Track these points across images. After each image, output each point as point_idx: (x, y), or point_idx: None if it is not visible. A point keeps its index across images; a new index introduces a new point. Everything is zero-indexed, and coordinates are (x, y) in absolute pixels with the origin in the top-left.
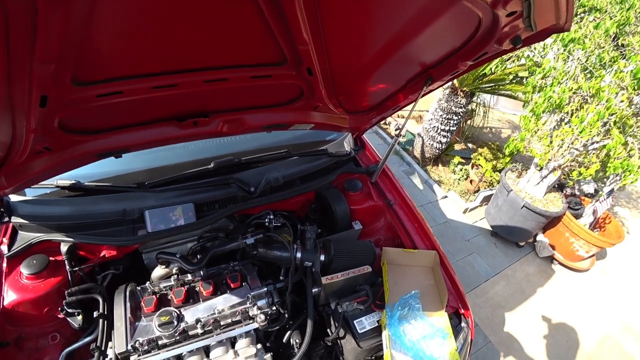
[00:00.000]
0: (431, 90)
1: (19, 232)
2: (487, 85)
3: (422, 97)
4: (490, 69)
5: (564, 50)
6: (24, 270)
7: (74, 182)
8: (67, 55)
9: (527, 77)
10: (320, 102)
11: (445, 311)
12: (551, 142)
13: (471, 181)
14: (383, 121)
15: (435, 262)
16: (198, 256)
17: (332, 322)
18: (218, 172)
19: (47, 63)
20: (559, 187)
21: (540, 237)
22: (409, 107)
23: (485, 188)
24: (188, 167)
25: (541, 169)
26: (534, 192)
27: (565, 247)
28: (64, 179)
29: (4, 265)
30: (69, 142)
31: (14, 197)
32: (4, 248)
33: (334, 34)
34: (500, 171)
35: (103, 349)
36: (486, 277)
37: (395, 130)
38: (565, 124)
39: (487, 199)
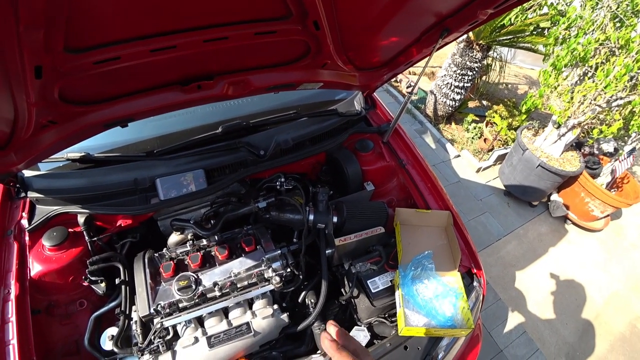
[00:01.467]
0: (447, 43)
1: (37, 206)
2: (505, 38)
3: (437, 50)
4: (510, 19)
5: None
6: (46, 242)
7: (84, 154)
8: (56, 17)
9: (549, 28)
10: (329, 59)
11: (458, 271)
12: (572, 98)
13: (485, 140)
14: (394, 78)
15: (449, 222)
16: (212, 221)
17: (345, 282)
18: (227, 136)
19: (34, 28)
20: (577, 145)
21: (555, 196)
22: (422, 62)
23: (499, 147)
24: (196, 133)
25: (559, 126)
26: (551, 151)
27: (580, 207)
28: (74, 152)
29: (27, 238)
30: (73, 113)
31: (28, 173)
32: (25, 222)
33: None
34: (515, 129)
35: (127, 312)
36: (498, 237)
37: (407, 87)
38: (589, 78)
39: (501, 158)
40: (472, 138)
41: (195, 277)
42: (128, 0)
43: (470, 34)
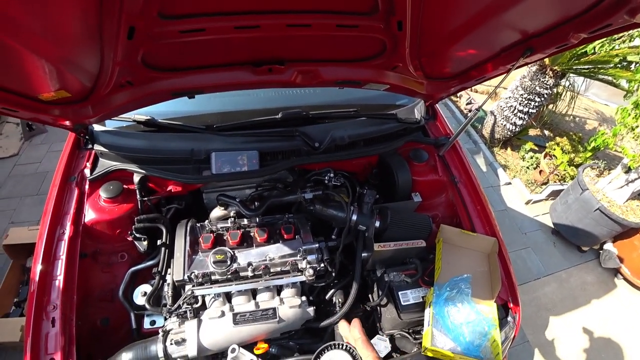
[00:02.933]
0: (528, 63)
1: (100, 159)
2: (584, 67)
3: (515, 69)
4: (593, 47)
5: None
6: (103, 193)
7: (149, 118)
8: None
9: (637, 63)
10: (401, 62)
11: (495, 301)
12: None
13: (541, 171)
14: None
15: (494, 249)
16: (256, 203)
17: (375, 289)
18: (285, 123)
19: None
20: None
21: (609, 246)
22: (493, 81)
23: (555, 181)
24: (256, 115)
25: (629, 171)
26: (614, 196)
27: (637, 263)
28: (140, 114)
29: (86, 187)
30: (149, 78)
31: (97, 127)
32: (87, 172)
33: None
34: (577, 166)
35: (163, 274)
36: (537, 276)
37: (467, 104)
38: None
39: (555, 194)
40: (527, 167)
41: (232, 253)
42: None
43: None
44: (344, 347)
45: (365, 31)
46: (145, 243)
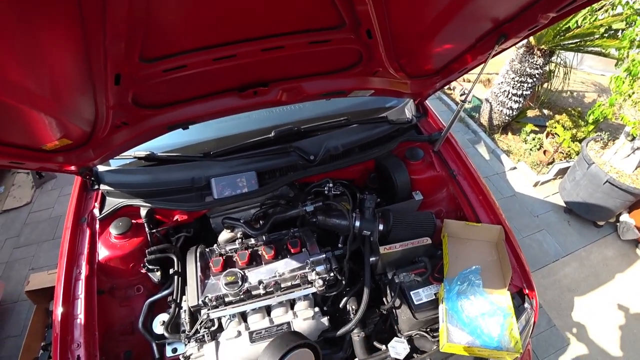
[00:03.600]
0: (504, 50)
1: (107, 198)
2: (570, 42)
3: (493, 57)
4: (576, 21)
5: None
6: (113, 230)
7: (149, 153)
8: (135, 32)
9: (623, 30)
10: (380, 67)
11: (507, 290)
12: None
13: (545, 152)
14: (447, 86)
15: (500, 237)
16: (260, 222)
17: (388, 291)
18: (279, 140)
19: (117, 42)
20: None
21: (625, 217)
22: (478, 69)
23: (561, 160)
24: (250, 137)
25: (633, 139)
26: (622, 166)
27: None
28: (140, 151)
29: (97, 226)
30: (142, 116)
31: (101, 168)
32: (96, 212)
33: None
34: (580, 141)
35: (178, 301)
36: (556, 257)
37: (461, 95)
38: None
39: (562, 172)
40: (530, 150)
41: (242, 273)
42: (194, 15)
43: (531, 38)
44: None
45: (338, 43)
46: (158, 274)
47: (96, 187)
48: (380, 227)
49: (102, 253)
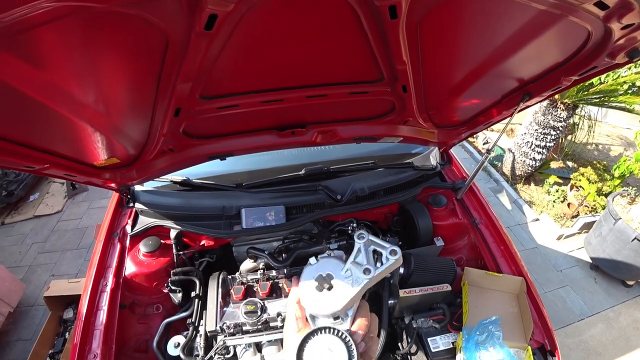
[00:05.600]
0: (529, 106)
1: (140, 216)
2: (594, 97)
3: (518, 112)
4: (599, 78)
5: None
6: (142, 248)
7: (184, 178)
8: (201, 76)
9: None
10: (411, 117)
11: (528, 344)
12: None
13: (569, 204)
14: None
15: (522, 289)
16: (283, 255)
17: (404, 336)
18: (308, 178)
19: (186, 82)
20: None
21: None
22: (501, 123)
23: (586, 213)
24: (281, 172)
25: None
26: None
27: None
28: (176, 175)
29: (127, 242)
30: (188, 145)
31: (137, 187)
32: (128, 228)
33: (431, 55)
34: (606, 195)
35: (196, 325)
36: (581, 316)
37: (484, 144)
38: None
39: (587, 226)
40: (554, 202)
41: (262, 304)
42: (252, 64)
43: None
44: (335, 332)
45: (375, 95)
46: (179, 295)
47: (131, 204)
48: (401, 270)
49: (129, 268)
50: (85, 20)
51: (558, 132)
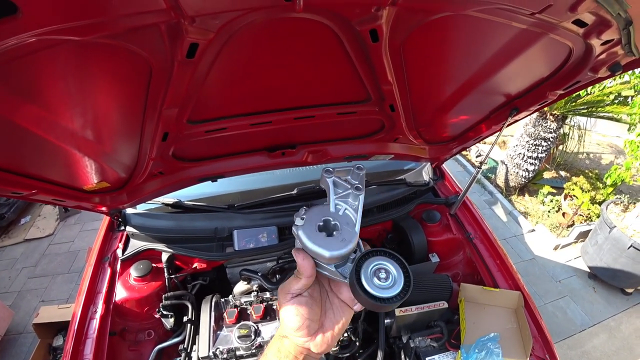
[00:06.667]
0: (517, 121)
1: (131, 240)
2: (582, 108)
3: (506, 127)
4: (586, 89)
5: None
6: (133, 272)
7: (176, 200)
8: (188, 102)
9: (632, 96)
10: (401, 134)
11: None
12: None
13: (564, 214)
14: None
15: (519, 304)
16: (277, 276)
17: (402, 356)
18: (300, 198)
19: (172, 107)
20: None
21: None
22: (493, 136)
23: (581, 222)
24: (273, 192)
25: None
26: None
27: None
28: (168, 197)
29: (118, 266)
30: (178, 168)
31: (128, 210)
32: (119, 252)
33: (417, 74)
34: (600, 203)
35: (189, 351)
36: (582, 327)
37: (477, 157)
38: None
39: (583, 235)
40: (549, 212)
41: (256, 327)
42: (239, 89)
43: None
44: (389, 255)
45: (363, 115)
46: (172, 320)
47: (122, 228)
48: None
49: (120, 294)
50: (68, 50)
51: (549, 142)
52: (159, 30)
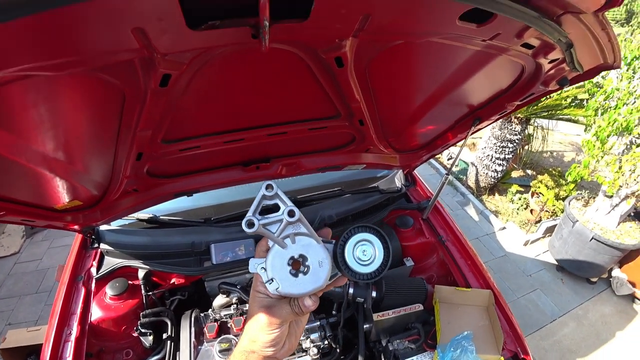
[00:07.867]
0: (480, 129)
1: (106, 257)
2: (542, 111)
3: (471, 135)
4: None
5: (628, 69)
6: (109, 291)
7: (151, 215)
8: (162, 123)
9: (587, 99)
10: (371, 145)
11: (501, 355)
12: (620, 167)
13: (531, 211)
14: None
15: (490, 301)
16: None
17: (382, 359)
18: (276, 208)
19: (146, 130)
20: (636, 215)
21: (617, 272)
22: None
23: (547, 218)
24: (249, 204)
25: (612, 196)
26: (605, 223)
27: None
28: (142, 212)
29: (93, 285)
30: (153, 184)
31: (102, 227)
32: (93, 271)
33: (383, 92)
34: (563, 199)
35: None
36: (553, 317)
37: (448, 159)
38: (637, 146)
39: (550, 230)
40: (518, 209)
41: (236, 340)
42: (212, 109)
43: None
44: (369, 230)
45: (334, 129)
46: (150, 338)
47: (96, 245)
48: (374, 294)
49: (96, 314)
50: (40, 81)
51: (515, 144)
52: (132, 63)
